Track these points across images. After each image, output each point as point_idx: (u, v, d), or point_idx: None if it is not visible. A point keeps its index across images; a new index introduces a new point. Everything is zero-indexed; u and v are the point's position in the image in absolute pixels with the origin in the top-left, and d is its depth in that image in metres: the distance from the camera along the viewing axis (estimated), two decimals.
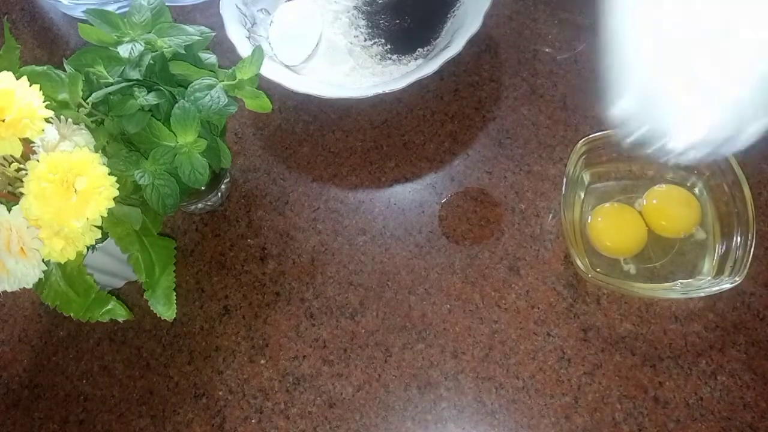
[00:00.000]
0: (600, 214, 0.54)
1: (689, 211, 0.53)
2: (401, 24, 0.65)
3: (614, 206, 0.54)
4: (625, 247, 0.53)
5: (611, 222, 0.54)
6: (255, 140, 0.63)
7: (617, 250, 0.53)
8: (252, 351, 0.53)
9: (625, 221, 0.54)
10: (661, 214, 0.53)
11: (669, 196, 0.54)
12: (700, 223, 0.53)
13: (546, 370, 0.50)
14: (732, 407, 0.48)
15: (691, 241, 0.53)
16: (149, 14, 0.48)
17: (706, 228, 0.53)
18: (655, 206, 0.53)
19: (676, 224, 0.53)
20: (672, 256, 0.53)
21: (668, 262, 0.53)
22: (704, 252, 0.52)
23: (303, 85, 0.59)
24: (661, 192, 0.54)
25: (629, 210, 0.54)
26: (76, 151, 0.40)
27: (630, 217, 0.54)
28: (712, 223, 0.53)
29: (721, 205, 0.52)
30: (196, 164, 0.46)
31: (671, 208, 0.53)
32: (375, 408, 0.50)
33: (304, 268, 0.56)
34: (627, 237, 0.53)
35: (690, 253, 0.53)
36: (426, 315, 0.53)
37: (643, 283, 0.52)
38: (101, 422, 0.52)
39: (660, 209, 0.53)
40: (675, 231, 0.53)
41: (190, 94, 0.46)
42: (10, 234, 0.40)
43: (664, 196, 0.54)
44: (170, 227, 0.59)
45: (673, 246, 0.53)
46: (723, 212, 0.52)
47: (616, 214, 0.54)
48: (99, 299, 0.46)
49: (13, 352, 0.56)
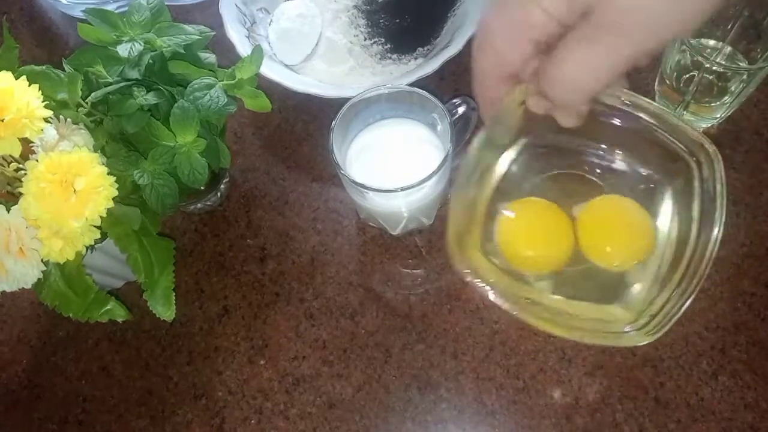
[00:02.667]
0: (520, 207, 0.40)
1: (638, 243, 0.39)
2: (401, 23, 0.64)
3: (541, 204, 0.40)
4: (541, 261, 0.40)
5: (533, 224, 0.40)
6: (254, 140, 0.63)
7: (532, 262, 0.40)
8: (251, 351, 0.53)
9: (550, 228, 0.40)
10: (597, 234, 0.39)
11: (621, 215, 0.40)
12: (644, 261, 0.38)
13: (546, 371, 0.50)
14: (733, 408, 0.48)
15: (620, 275, 0.40)
16: (148, 13, 0.48)
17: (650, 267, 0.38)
18: (593, 222, 0.39)
19: (615, 254, 0.39)
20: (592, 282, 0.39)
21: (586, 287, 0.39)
22: (630, 289, 0.39)
23: (303, 84, 0.59)
24: (611, 208, 0.40)
25: (559, 215, 0.40)
26: (75, 151, 0.39)
27: (559, 222, 0.40)
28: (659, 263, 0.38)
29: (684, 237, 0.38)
30: (195, 164, 0.46)
31: (616, 233, 0.40)
32: (375, 409, 0.50)
33: (303, 268, 0.56)
34: (548, 249, 0.40)
35: (612, 285, 0.39)
36: (426, 315, 0.53)
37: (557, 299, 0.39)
38: (100, 423, 0.52)
39: (599, 228, 0.39)
40: (609, 261, 0.39)
41: (190, 93, 0.46)
42: (9, 234, 0.40)
43: (615, 216, 0.40)
44: (169, 227, 0.59)
45: (599, 273, 0.39)
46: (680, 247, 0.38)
47: (541, 215, 0.40)
48: (98, 299, 0.46)
49: (12, 353, 0.56)
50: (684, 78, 0.54)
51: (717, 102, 0.54)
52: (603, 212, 0.40)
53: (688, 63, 0.52)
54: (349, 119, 0.51)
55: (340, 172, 0.48)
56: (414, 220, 0.54)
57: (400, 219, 0.53)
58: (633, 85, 0.60)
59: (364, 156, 0.52)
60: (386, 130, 0.53)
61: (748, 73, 0.50)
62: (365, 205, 0.51)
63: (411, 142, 0.52)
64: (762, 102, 0.58)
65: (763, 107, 0.58)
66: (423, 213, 0.54)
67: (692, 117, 0.57)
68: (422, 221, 0.55)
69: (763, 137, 0.57)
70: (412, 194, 0.48)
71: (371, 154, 0.52)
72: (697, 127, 0.58)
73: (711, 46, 0.55)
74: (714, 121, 0.57)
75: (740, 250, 0.53)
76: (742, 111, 0.57)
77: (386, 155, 0.52)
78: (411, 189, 0.47)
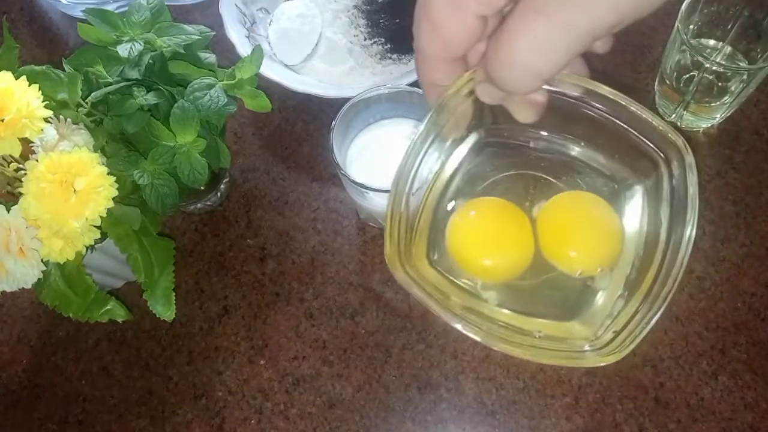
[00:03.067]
0: (473, 208, 0.35)
1: (604, 247, 0.34)
2: (401, 23, 0.64)
3: (496, 202, 0.35)
4: (497, 268, 0.35)
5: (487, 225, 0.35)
6: (254, 140, 0.63)
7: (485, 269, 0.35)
8: (251, 351, 0.53)
9: (508, 230, 0.35)
10: (561, 237, 0.34)
11: (585, 216, 0.35)
12: (610, 266, 0.34)
13: (546, 371, 0.50)
14: (733, 408, 0.48)
15: (583, 284, 0.34)
16: (148, 13, 0.48)
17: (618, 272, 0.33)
18: (554, 222, 0.34)
19: (577, 258, 0.34)
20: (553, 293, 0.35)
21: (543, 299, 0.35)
22: (593, 302, 0.34)
23: (303, 84, 0.59)
24: (575, 205, 0.35)
25: (516, 215, 0.35)
26: (75, 151, 0.39)
27: (517, 223, 0.35)
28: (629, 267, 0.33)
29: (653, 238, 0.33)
30: (195, 164, 0.46)
31: (580, 233, 0.35)
32: (375, 409, 0.50)
33: (303, 268, 0.56)
34: (504, 254, 0.35)
35: (573, 296, 0.34)
36: (426, 315, 0.53)
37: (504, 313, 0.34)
38: (100, 423, 0.52)
39: (563, 231, 0.35)
40: (571, 266, 0.34)
41: (190, 93, 0.46)
42: (9, 234, 0.40)
43: (579, 214, 0.35)
44: (169, 227, 0.59)
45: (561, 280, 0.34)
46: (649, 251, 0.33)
47: (496, 215, 0.35)
48: (98, 299, 0.46)
49: (12, 353, 0.56)
50: (684, 78, 0.54)
51: (717, 102, 0.54)
52: (565, 210, 0.35)
53: (688, 63, 0.52)
54: (349, 119, 0.51)
55: (340, 172, 0.48)
56: None
57: None
58: (633, 86, 0.61)
59: (364, 156, 0.52)
60: (386, 130, 0.53)
61: (748, 73, 0.50)
62: (365, 205, 0.51)
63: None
64: (762, 102, 0.58)
65: (763, 107, 0.58)
66: None
67: (692, 117, 0.57)
68: None
69: (763, 137, 0.57)
70: None
71: (371, 154, 0.52)
72: (697, 127, 0.58)
73: (711, 46, 0.55)
74: (714, 121, 0.57)
75: (740, 250, 0.53)
76: (742, 111, 0.57)
77: (386, 155, 0.52)
78: None
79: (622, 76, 0.62)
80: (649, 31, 0.60)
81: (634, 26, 0.26)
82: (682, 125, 0.58)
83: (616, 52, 0.63)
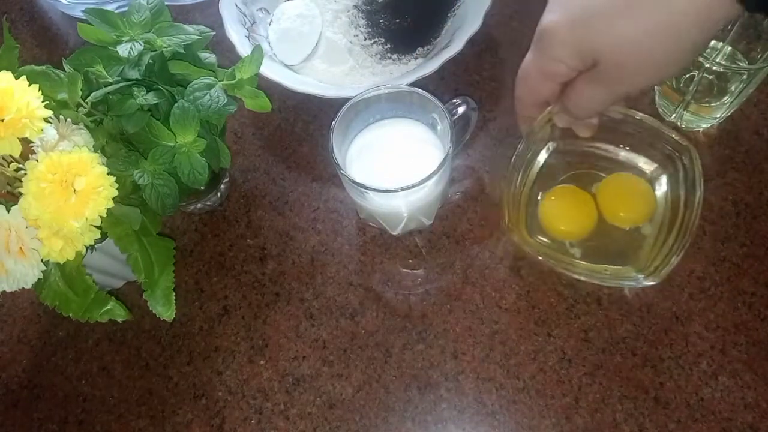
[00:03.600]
0: (554, 195, 0.53)
1: (642, 205, 0.52)
2: (401, 23, 0.64)
3: (569, 189, 0.54)
4: (575, 232, 0.53)
5: (565, 205, 0.53)
6: (254, 140, 0.63)
7: (568, 233, 0.53)
8: (251, 351, 0.53)
9: (579, 206, 0.53)
10: (614, 202, 0.53)
11: (626, 185, 0.53)
12: (650, 219, 0.52)
13: (546, 371, 0.50)
14: (733, 408, 0.48)
15: (635, 234, 0.52)
16: (148, 13, 0.48)
17: (654, 224, 0.52)
18: (609, 194, 0.53)
19: (627, 215, 0.52)
20: (609, 242, 0.52)
21: (609, 247, 0.52)
22: (642, 246, 0.51)
23: (303, 84, 0.59)
24: (618, 180, 0.53)
25: (583, 195, 0.53)
26: (75, 151, 0.39)
27: (584, 201, 0.53)
28: (661, 221, 0.51)
29: (676, 204, 0.50)
30: (195, 164, 0.46)
31: (625, 198, 0.53)
32: (375, 409, 0.50)
33: (303, 268, 0.56)
34: (579, 222, 0.53)
35: (630, 244, 0.52)
36: (426, 315, 0.53)
37: (583, 263, 0.51)
38: (100, 423, 0.52)
39: (614, 198, 0.53)
40: (624, 221, 0.52)
41: (190, 93, 0.46)
42: (9, 234, 0.40)
43: (621, 185, 0.53)
44: (169, 227, 0.59)
45: (618, 233, 0.52)
46: (674, 213, 0.50)
47: (570, 198, 0.53)
48: (98, 299, 0.46)
49: (12, 353, 0.56)
50: (684, 78, 0.54)
51: (717, 102, 0.54)
52: (614, 184, 0.53)
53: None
54: (349, 119, 0.51)
55: (340, 172, 0.48)
56: (414, 220, 0.54)
57: (400, 219, 0.53)
58: None
59: (364, 156, 0.52)
60: (386, 130, 0.53)
61: (748, 73, 0.50)
62: (365, 205, 0.51)
63: (411, 142, 0.52)
64: (762, 102, 0.58)
65: (763, 107, 0.58)
66: (423, 213, 0.54)
67: (692, 117, 0.57)
68: (422, 221, 0.55)
69: (763, 137, 0.57)
70: (412, 194, 0.48)
71: (371, 154, 0.52)
72: (697, 127, 0.58)
73: (711, 46, 0.55)
74: (714, 121, 0.57)
75: (740, 250, 0.53)
76: (742, 111, 0.57)
77: (386, 155, 0.52)
78: (411, 189, 0.47)
79: None
80: None
81: None
82: (682, 125, 0.58)
83: None
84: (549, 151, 0.55)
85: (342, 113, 0.50)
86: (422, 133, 0.52)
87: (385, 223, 0.54)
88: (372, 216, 0.54)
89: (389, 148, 0.53)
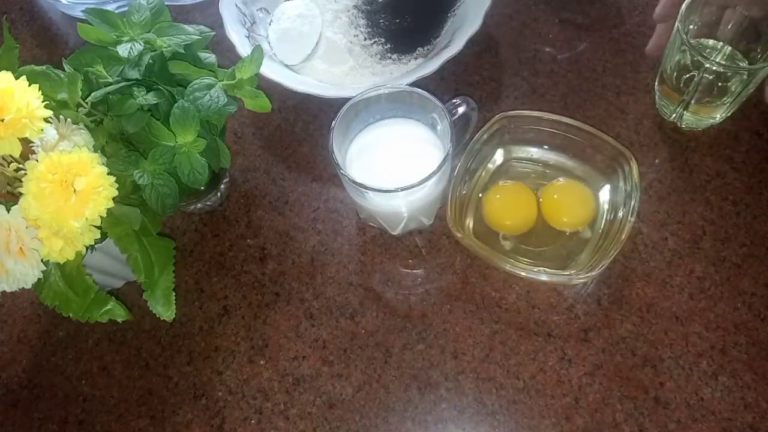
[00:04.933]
0: (499, 189, 0.55)
1: (583, 211, 0.54)
2: (401, 23, 0.64)
3: (514, 185, 0.56)
4: (513, 225, 0.54)
5: (507, 199, 0.55)
6: (254, 140, 0.63)
7: (506, 226, 0.54)
8: (251, 351, 0.53)
9: (521, 201, 0.55)
10: (556, 205, 0.54)
11: (569, 191, 0.55)
12: (591, 224, 0.54)
13: (546, 371, 0.50)
14: (733, 408, 0.48)
15: (575, 238, 0.54)
16: (148, 13, 0.48)
17: (596, 229, 0.53)
18: (553, 197, 0.55)
19: (568, 219, 0.54)
20: (553, 246, 0.54)
21: (546, 250, 0.54)
22: (581, 249, 0.53)
23: (303, 84, 0.59)
24: (562, 185, 0.55)
25: (527, 191, 0.55)
26: (75, 151, 0.39)
27: (526, 198, 0.55)
28: (602, 227, 0.53)
29: (616, 210, 0.53)
30: (195, 164, 0.46)
31: (567, 202, 0.55)
32: (375, 409, 0.50)
33: (303, 268, 0.56)
34: (518, 216, 0.54)
35: (572, 247, 0.53)
36: (426, 315, 0.53)
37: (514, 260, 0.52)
38: (100, 423, 0.52)
39: (557, 201, 0.55)
40: (565, 225, 0.54)
41: (190, 93, 0.46)
42: (9, 234, 0.40)
43: (565, 190, 0.55)
44: (169, 227, 0.59)
45: (557, 237, 0.54)
46: (614, 218, 0.52)
47: (513, 192, 0.55)
48: (98, 299, 0.46)
49: (12, 353, 0.56)
50: (684, 78, 0.54)
51: (717, 102, 0.54)
52: (557, 190, 0.55)
53: (688, 63, 0.52)
54: (349, 119, 0.51)
55: (340, 172, 0.48)
56: (414, 220, 0.54)
57: (400, 219, 0.53)
58: (633, 85, 0.61)
59: (364, 156, 0.52)
60: (386, 130, 0.53)
61: (748, 73, 0.50)
62: (365, 205, 0.51)
63: (411, 142, 0.52)
64: (762, 102, 0.58)
65: (763, 107, 0.58)
66: (423, 213, 0.54)
67: (692, 117, 0.57)
68: (422, 221, 0.55)
69: (763, 137, 0.57)
70: (412, 194, 0.48)
71: (371, 154, 0.52)
72: (697, 126, 0.58)
73: (711, 46, 0.55)
74: (714, 121, 0.57)
75: (740, 250, 0.53)
76: (742, 111, 0.57)
77: (386, 155, 0.52)
78: (411, 189, 0.47)
79: (622, 76, 0.62)
80: (650, 31, 0.60)
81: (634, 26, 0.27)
82: (682, 125, 0.58)
83: (616, 51, 0.63)
84: (498, 156, 0.57)
85: (342, 113, 0.50)
86: (422, 133, 0.52)
87: (385, 223, 0.54)
88: (372, 216, 0.54)
89: (389, 148, 0.53)
